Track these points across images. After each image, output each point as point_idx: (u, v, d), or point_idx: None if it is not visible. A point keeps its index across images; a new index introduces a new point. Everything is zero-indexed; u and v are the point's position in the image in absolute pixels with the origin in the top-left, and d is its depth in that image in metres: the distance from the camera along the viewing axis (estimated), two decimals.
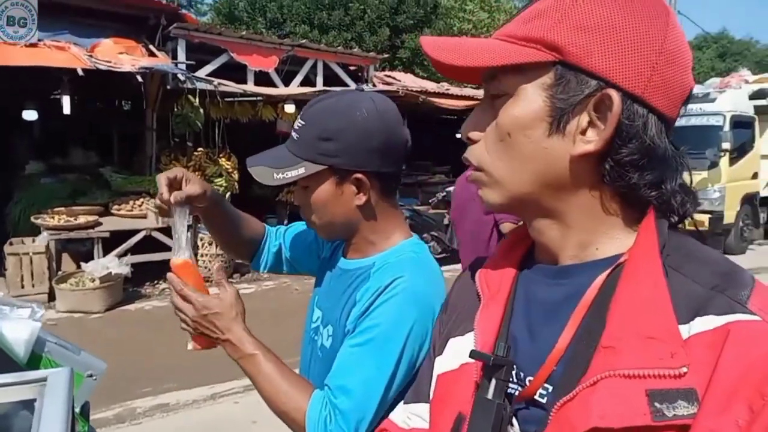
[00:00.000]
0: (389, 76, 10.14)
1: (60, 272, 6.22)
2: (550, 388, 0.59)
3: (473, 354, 0.64)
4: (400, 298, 0.99)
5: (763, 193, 10.49)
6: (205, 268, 7.22)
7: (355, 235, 1.13)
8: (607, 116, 0.57)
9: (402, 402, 0.81)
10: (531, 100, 0.60)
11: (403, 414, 0.79)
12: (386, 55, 11.63)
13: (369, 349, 0.99)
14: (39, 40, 6.42)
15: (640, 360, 0.51)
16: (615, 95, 0.56)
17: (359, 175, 1.05)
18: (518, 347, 0.64)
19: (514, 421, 0.61)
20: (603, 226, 0.62)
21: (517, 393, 0.62)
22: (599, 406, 0.51)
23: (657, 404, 0.49)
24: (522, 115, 0.60)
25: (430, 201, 9.23)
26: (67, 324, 5.37)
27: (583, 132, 0.59)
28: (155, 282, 6.89)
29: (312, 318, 1.25)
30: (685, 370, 0.50)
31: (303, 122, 1.08)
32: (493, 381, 0.61)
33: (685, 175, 0.63)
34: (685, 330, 0.52)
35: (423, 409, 0.76)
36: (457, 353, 0.69)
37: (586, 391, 0.53)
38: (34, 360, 1.33)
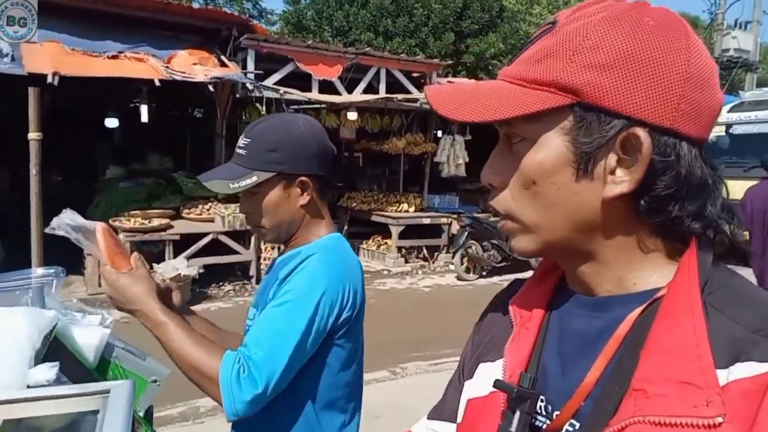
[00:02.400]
0: (451, 82, 10.08)
1: None
2: (577, 425, 0.57)
3: (497, 384, 0.63)
4: (312, 269, 1.17)
5: None
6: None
7: (294, 234, 1.29)
8: (636, 155, 0.54)
9: (425, 417, 0.81)
10: (552, 145, 0.56)
11: (424, 429, 0.78)
12: (450, 62, 11.57)
13: (283, 309, 1.14)
14: (120, 51, 6.83)
15: (673, 407, 0.48)
16: (642, 134, 0.53)
17: (303, 178, 1.24)
18: (549, 379, 0.62)
19: None
20: (641, 262, 0.59)
21: (544, 426, 0.61)
22: None
23: None
24: (545, 161, 0.57)
25: (491, 209, 9.09)
26: (138, 323, 5.65)
27: (612, 172, 0.55)
28: (221, 284, 7.16)
29: (250, 318, 1.36)
30: (720, 420, 0.47)
31: (248, 139, 1.24)
32: (517, 413, 0.60)
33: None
34: (723, 376, 0.49)
35: (443, 427, 0.75)
36: (486, 379, 0.67)
37: None
38: (103, 365, 1.41)
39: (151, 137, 9.86)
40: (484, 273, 8.17)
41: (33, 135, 5.32)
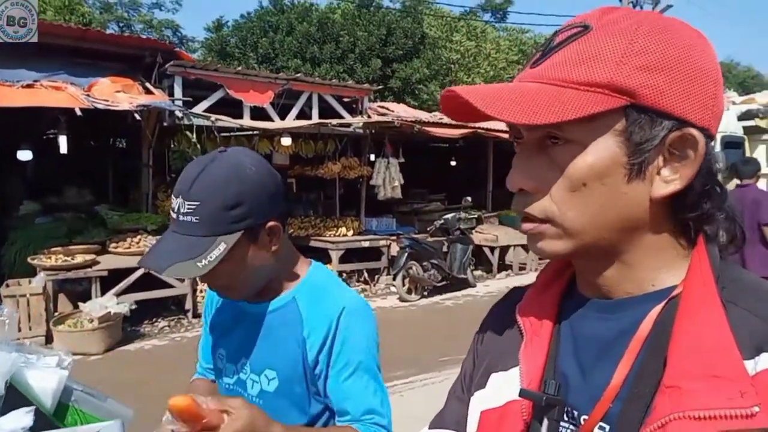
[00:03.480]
0: (383, 107, 10.24)
1: (57, 313, 6.10)
2: (607, 428, 0.57)
3: (524, 393, 0.62)
4: (356, 321, 1.13)
5: None
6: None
7: (271, 282, 1.17)
8: (687, 154, 0.56)
9: (427, 427, 0.79)
10: (605, 147, 0.56)
11: None
12: (379, 87, 11.76)
13: (363, 371, 1.13)
14: (35, 80, 6.44)
15: (710, 400, 0.50)
16: (698, 134, 0.56)
17: (271, 224, 1.10)
18: (569, 384, 0.62)
19: None
20: (662, 261, 0.61)
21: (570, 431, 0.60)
22: None
23: None
24: (597, 163, 0.57)
25: (428, 229, 9.22)
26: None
27: (659, 172, 0.57)
28: (154, 320, 6.78)
29: (227, 375, 1.24)
30: (756, 409, 0.48)
31: (196, 202, 1.03)
32: (546, 421, 0.60)
33: None
34: (751, 366, 0.51)
35: None
36: (500, 389, 0.67)
37: None
38: (61, 409, 1.28)
39: (69, 170, 9.30)
40: (425, 293, 8.22)
41: None
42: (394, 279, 8.12)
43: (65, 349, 1.34)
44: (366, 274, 8.92)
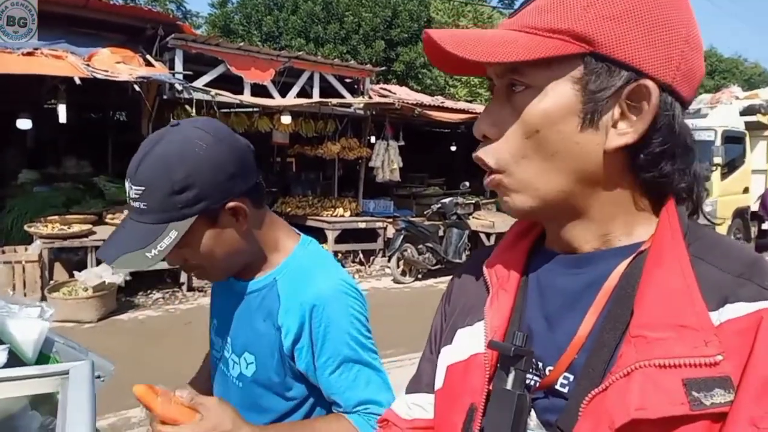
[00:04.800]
0: (384, 89, 10.20)
1: (52, 281, 6.15)
2: (571, 377, 0.58)
3: (493, 345, 0.62)
4: (334, 312, 1.04)
5: (754, 208, 10.61)
6: None
7: (257, 261, 1.11)
8: (642, 107, 0.55)
9: (404, 392, 0.81)
10: (561, 93, 0.56)
11: (403, 404, 0.78)
12: (382, 69, 11.69)
13: (350, 363, 1.05)
14: (35, 48, 6.41)
15: (675, 349, 0.50)
16: (652, 86, 0.55)
17: (231, 204, 1.00)
18: (534, 337, 0.62)
19: (532, 411, 0.60)
20: (628, 217, 0.61)
21: (534, 383, 0.61)
22: (636, 397, 0.50)
23: (694, 393, 0.49)
24: (552, 109, 0.56)
25: (425, 213, 9.25)
26: (60, 333, 5.29)
27: (615, 124, 0.57)
28: (149, 291, 6.83)
29: (216, 348, 1.22)
30: (720, 358, 0.49)
31: (141, 187, 0.95)
32: (512, 371, 0.60)
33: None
34: (715, 317, 0.52)
35: (422, 398, 0.75)
36: (465, 344, 0.67)
37: (620, 381, 0.52)
38: (42, 360, 1.31)
39: (68, 140, 9.30)
40: (419, 276, 8.26)
41: None
42: (389, 261, 8.15)
43: (47, 303, 1.36)
44: (361, 255, 8.96)
